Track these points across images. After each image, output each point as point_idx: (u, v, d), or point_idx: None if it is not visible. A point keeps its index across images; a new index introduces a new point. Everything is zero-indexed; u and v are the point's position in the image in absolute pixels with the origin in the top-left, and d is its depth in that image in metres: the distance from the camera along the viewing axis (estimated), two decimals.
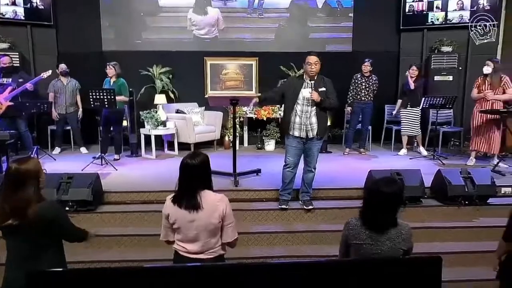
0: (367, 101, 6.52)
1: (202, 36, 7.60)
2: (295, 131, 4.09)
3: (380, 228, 2.26)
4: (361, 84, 6.49)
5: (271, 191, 4.57)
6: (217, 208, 2.35)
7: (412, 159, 6.17)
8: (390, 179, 2.34)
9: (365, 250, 2.26)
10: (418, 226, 4.16)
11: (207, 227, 2.34)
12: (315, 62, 4.01)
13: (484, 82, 5.65)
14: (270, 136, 7.05)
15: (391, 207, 2.26)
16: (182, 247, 2.40)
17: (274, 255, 3.84)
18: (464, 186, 4.31)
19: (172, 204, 2.36)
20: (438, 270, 1.39)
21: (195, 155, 2.40)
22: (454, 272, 3.65)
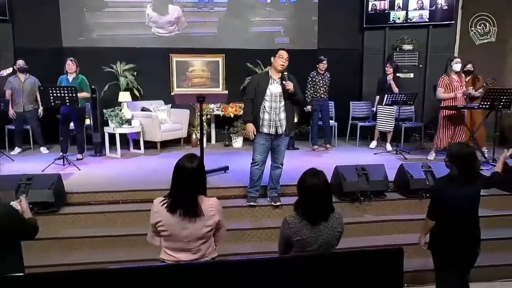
0: (325, 98, 6.65)
1: (161, 34, 7.44)
2: (264, 128, 4.09)
3: (319, 219, 2.35)
4: (319, 82, 6.59)
5: (239, 188, 4.57)
6: (211, 215, 2.25)
7: (376, 154, 6.35)
8: (314, 171, 2.40)
9: (308, 243, 2.35)
10: (383, 219, 4.30)
11: (201, 236, 2.23)
12: (287, 57, 4.04)
13: (451, 81, 5.81)
14: (237, 133, 7.05)
15: (323, 197, 2.36)
16: (171, 256, 2.26)
17: (243, 252, 3.84)
18: (425, 180, 4.47)
19: (165, 210, 2.20)
20: (400, 261, 1.43)
21: (192, 158, 2.24)
22: (416, 262, 3.79)
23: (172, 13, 7.44)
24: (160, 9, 7.39)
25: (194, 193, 2.21)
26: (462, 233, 2.75)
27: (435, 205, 2.82)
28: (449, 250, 2.79)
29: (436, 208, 2.81)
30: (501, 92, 5.42)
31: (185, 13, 7.46)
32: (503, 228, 4.26)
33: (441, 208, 2.76)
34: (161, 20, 7.40)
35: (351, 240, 3.98)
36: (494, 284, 3.76)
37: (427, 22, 7.53)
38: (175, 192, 2.21)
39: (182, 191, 2.19)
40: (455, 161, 2.73)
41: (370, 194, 4.41)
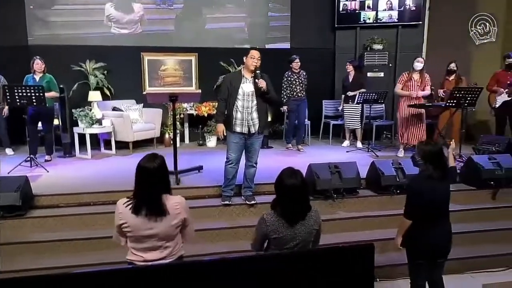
0: (302, 97, 6.65)
1: (125, 33, 7.29)
2: (236, 127, 4.09)
3: (297, 218, 2.38)
4: (295, 81, 6.59)
5: (213, 187, 4.55)
6: (177, 214, 2.25)
7: (348, 152, 6.45)
8: (292, 171, 2.43)
9: (285, 241, 2.37)
10: (355, 216, 4.38)
11: (169, 234, 2.23)
12: (258, 57, 4.05)
13: (410, 79, 5.99)
14: (211, 133, 7.00)
15: (301, 197, 2.39)
16: (139, 256, 2.25)
17: (219, 251, 3.83)
18: (396, 176, 4.58)
19: (129, 211, 2.19)
20: (371, 256, 1.46)
21: (153, 157, 2.24)
22: (388, 257, 3.88)
23: (136, 11, 7.31)
24: (123, 7, 7.23)
25: (158, 192, 2.20)
26: (436, 228, 2.84)
27: (413, 204, 2.85)
28: (423, 246, 2.85)
29: (413, 207, 2.84)
30: (467, 91, 5.62)
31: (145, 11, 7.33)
32: (470, 223, 4.41)
33: (418, 207, 2.81)
34: (124, 19, 7.24)
35: (324, 237, 3.99)
36: (464, 276, 3.90)
37: (396, 22, 7.71)
38: (139, 192, 2.20)
39: (145, 191, 2.19)
40: (430, 159, 2.80)
41: (343, 192, 4.47)
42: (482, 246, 4.18)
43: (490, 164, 4.83)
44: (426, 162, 2.82)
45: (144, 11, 7.34)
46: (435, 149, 2.84)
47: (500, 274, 3.97)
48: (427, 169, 2.81)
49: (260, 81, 4.01)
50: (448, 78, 6.63)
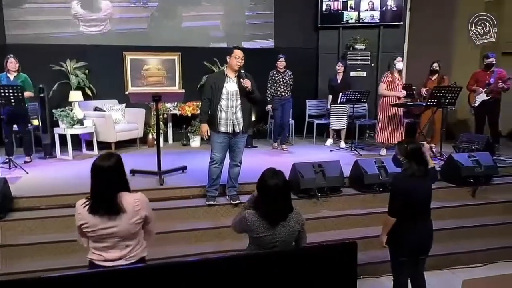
0: (287, 96, 6.66)
1: (92, 33, 7.12)
2: (221, 126, 4.08)
3: (279, 219, 2.39)
4: (279, 80, 6.60)
5: (197, 188, 4.53)
6: (137, 210, 2.25)
7: (332, 151, 6.50)
8: (274, 171, 2.45)
9: (264, 242, 2.38)
10: (339, 214, 4.42)
11: (129, 232, 2.24)
12: (242, 57, 4.05)
13: (393, 79, 6.05)
14: (195, 132, 6.97)
15: (283, 197, 2.40)
16: (99, 255, 2.25)
17: (203, 251, 3.81)
18: (379, 175, 4.64)
19: (87, 212, 2.19)
20: (354, 254, 1.48)
21: (107, 156, 2.25)
22: (372, 255, 3.93)
23: (104, 9, 7.15)
24: (89, 5, 7.07)
25: (113, 191, 2.21)
26: (420, 226, 2.89)
27: (397, 203, 2.89)
28: (407, 244, 2.90)
29: (397, 206, 2.88)
30: (447, 90, 5.72)
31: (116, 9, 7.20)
32: (450, 220, 4.50)
33: (403, 205, 2.85)
34: (91, 17, 7.06)
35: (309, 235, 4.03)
36: (444, 272, 3.97)
37: (378, 22, 7.81)
38: (94, 192, 2.22)
39: (100, 190, 2.20)
40: (412, 157, 2.85)
41: (327, 190, 4.51)
42: (462, 242, 4.27)
43: (470, 162, 4.94)
44: (409, 160, 2.86)
45: (113, 9, 7.17)
46: (416, 147, 2.91)
47: (480, 270, 4.06)
48: (410, 167, 2.86)
49: (245, 81, 4.02)
50: (431, 78, 6.74)
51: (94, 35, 7.12)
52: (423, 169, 2.88)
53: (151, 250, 2.47)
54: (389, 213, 2.93)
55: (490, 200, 4.85)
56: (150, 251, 2.45)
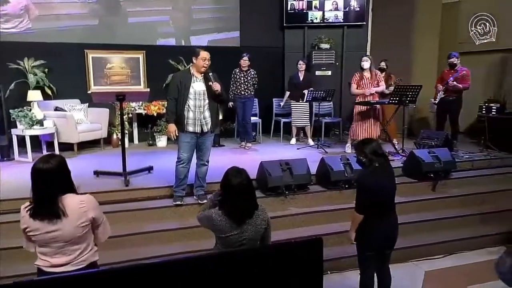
0: (248, 95, 6.66)
1: (8, 30, 6.61)
2: (189, 126, 4.04)
3: (244, 217, 2.39)
4: (240, 79, 6.61)
5: (164, 188, 4.47)
6: (83, 212, 2.18)
7: (299, 149, 6.58)
8: (237, 170, 2.45)
9: (232, 241, 2.37)
10: (306, 212, 4.48)
11: (74, 235, 2.15)
12: (209, 58, 4.02)
13: (362, 77, 6.19)
14: (161, 132, 6.86)
15: (247, 196, 2.40)
16: (46, 261, 2.17)
17: (171, 252, 3.77)
18: (344, 171, 4.73)
19: (28, 216, 2.12)
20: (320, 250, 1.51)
21: (49, 158, 2.17)
22: (338, 250, 4.01)
23: (16, 3, 6.57)
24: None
25: (54, 194, 2.14)
26: (386, 221, 2.97)
27: (363, 200, 2.94)
28: (375, 239, 2.97)
29: (364, 202, 2.94)
30: (408, 88, 5.91)
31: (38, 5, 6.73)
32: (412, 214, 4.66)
33: (369, 201, 2.91)
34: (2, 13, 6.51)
35: (277, 233, 4.08)
36: (408, 264, 4.11)
37: (341, 22, 7.96)
38: (34, 194, 2.15)
39: (40, 193, 2.13)
40: (372, 157, 2.91)
41: (294, 188, 4.56)
42: (423, 235, 4.43)
43: (430, 157, 5.13)
44: (370, 159, 2.93)
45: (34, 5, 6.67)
46: (376, 147, 2.97)
47: (441, 260, 4.24)
48: (372, 165, 2.93)
49: (215, 84, 4.00)
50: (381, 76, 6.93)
51: (51, 32, 6.83)
52: (386, 164, 2.96)
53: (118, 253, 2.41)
54: (356, 210, 2.99)
55: (449, 194, 5.06)
56: (118, 254, 2.39)
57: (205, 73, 4.06)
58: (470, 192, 5.12)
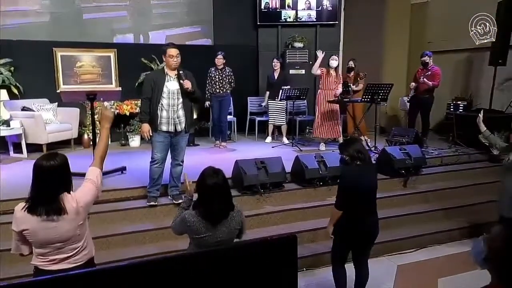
0: (223, 93, 6.63)
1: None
2: (162, 125, 3.99)
3: (219, 217, 2.37)
4: (215, 77, 6.58)
5: (138, 188, 4.40)
6: (79, 208, 2.17)
7: (274, 147, 6.61)
8: (213, 170, 2.42)
9: (207, 242, 2.35)
10: (282, 209, 4.50)
11: (74, 234, 2.16)
12: (177, 54, 3.97)
13: (328, 74, 6.28)
14: (134, 132, 6.74)
15: (223, 196, 2.37)
16: (44, 260, 2.15)
17: (146, 254, 3.71)
18: (319, 169, 4.79)
19: (28, 215, 2.07)
20: (294, 248, 1.51)
21: (52, 156, 2.15)
22: (314, 247, 4.05)
23: None
24: None
25: (56, 191, 2.12)
26: (368, 217, 3.02)
27: (345, 196, 2.98)
28: (356, 234, 3.01)
29: (345, 199, 2.98)
30: (379, 86, 6.04)
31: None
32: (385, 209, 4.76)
33: (351, 198, 2.95)
34: None
35: (253, 231, 4.10)
36: (381, 259, 4.20)
37: (314, 21, 8.03)
38: (35, 192, 2.11)
39: (41, 191, 2.10)
40: (357, 155, 2.95)
41: (270, 186, 4.58)
42: (395, 230, 4.54)
43: (401, 154, 5.25)
44: (353, 157, 2.97)
45: None
46: (360, 146, 3.04)
47: (412, 254, 4.35)
48: (354, 163, 2.97)
49: (185, 82, 3.95)
50: (349, 75, 7.07)
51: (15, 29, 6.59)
52: (368, 161, 3.02)
53: None
54: (336, 205, 3.03)
55: (419, 189, 5.20)
56: None
57: (178, 71, 4.02)
58: (440, 187, 5.28)
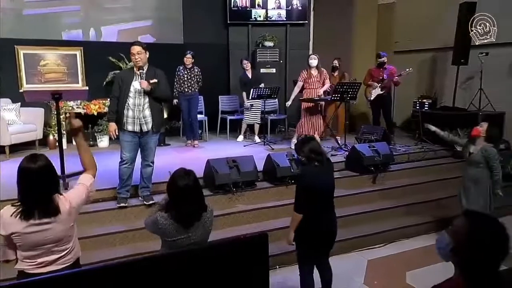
0: (192, 92, 6.59)
1: None
2: (128, 125, 3.92)
3: (192, 219, 2.33)
4: (183, 76, 6.54)
5: (107, 190, 4.30)
6: (71, 209, 2.17)
7: (246, 146, 6.61)
8: (184, 172, 2.38)
9: (180, 245, 2.30)
10: (254, 208, 4.51)
11: (65, 233, 2.15)
12: (138, 51, 3.88)
13: (310, 75, 6.27)
14: (103, 132, 6.58)
15: (195, 198, 2.33)
16: (31, 263, 2.11)
17: (116, 256, 3.64)
18: (290, 167, 4.83)
19: (18, 219, 2.02)
20: (265, 245, 1.52)
21: (36, 157, 2.10)
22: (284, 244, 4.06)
23: None
24: None
25: (49, 192, 2.10)
26: (326, 217, 3.02)
27: (304, 198, 2.94)
28: (315, 235, 3.00)
29: (304, 201, 2.94)
30: (348, 85, 6.14)
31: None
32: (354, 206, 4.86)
33: (310, 199, 2.92)
34: None
35: (225, 230, 4.10)
36: (351, 254, 4.28)
37: (284, 21, 8.09)
38: (26, 196, 2.06)
39: (35, 194, 2.06)
40: (311, 155, 2.95)
41: (242, 185, 4.58)
42: (365, 226, 4.64)
43: (370, 151, 5.37)
44: (308, 157, 2.96)
45: None
46: (316, 146, 3.02)
47: (381, 249, 4.46)
48: (311, 163, 2.97)
49: (141, 82, 3.88)
50: (333, 74, 7.17)
51: None
52: (321, 158, 2.99)
53: None
54: (295, 209, 2.98)
55: (387, 185, 5.34)
56: None
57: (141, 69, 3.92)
58: (407, 183, 5.44)
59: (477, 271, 1.48)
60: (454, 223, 1.60)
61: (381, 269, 4.03)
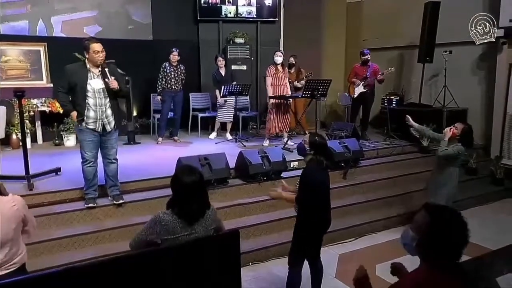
0: (178, 90, 6.61)
1: None
2: (89, 126, 3.79)
3: (196, 216, 2.31)
4: (170, 73, 6.51)
5: (74, 190, 4.18)
6: (15, 210, 2.09)
7: (218, 144, 6.57)
8: (189, 168, 2.37)
9: (181, 242, 2.25)
10: (227, 205, 4.50)
11: (6, 237, 2.05)
12: (102, 49, 3.74)
13: (277, 70, 6.33)
14: (69, 131, 6.38)
15: (200, 195, 2.32)
16: None
17: (85, 258, 3.54)
18: (262, 164, 4.84)
19: None
20: (237, 242, 1.52)
21: None
22: (260, 241, 4.10)
23: None
24: None
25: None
26: (324, 214, 3.11)
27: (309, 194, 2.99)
28: (315, 232, 3.10)
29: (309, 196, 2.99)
30: (319, 82, 6.21)
31: None
32: None
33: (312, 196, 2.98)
34: None
35: None
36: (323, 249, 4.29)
37: (255, 18, 8.08)
38: None
39: None
40: (321, 151, 3.04)
41: (214, 182, 4.55)
42: (336, 221, 4.59)
43: (341, 147, 5.46)
44: (315, 153, 3.04)
45: None
46: (324, 142, 3.11)
47: (352, 243, 4.55)
48: (320, 161, 3.04)
49: (111, 82, 3.76)
50: (290, 71, 7.22)
51: None
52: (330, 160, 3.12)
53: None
54: (297, 201, 3.05)
55: (358, 180, 5.44)
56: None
57: (102, 68, 3.79)
58: (376, 178, 5.56)
59: (440, 260, 1.55)
60: (415, 219, 1.66)
61: (351, 263, 4.09)
